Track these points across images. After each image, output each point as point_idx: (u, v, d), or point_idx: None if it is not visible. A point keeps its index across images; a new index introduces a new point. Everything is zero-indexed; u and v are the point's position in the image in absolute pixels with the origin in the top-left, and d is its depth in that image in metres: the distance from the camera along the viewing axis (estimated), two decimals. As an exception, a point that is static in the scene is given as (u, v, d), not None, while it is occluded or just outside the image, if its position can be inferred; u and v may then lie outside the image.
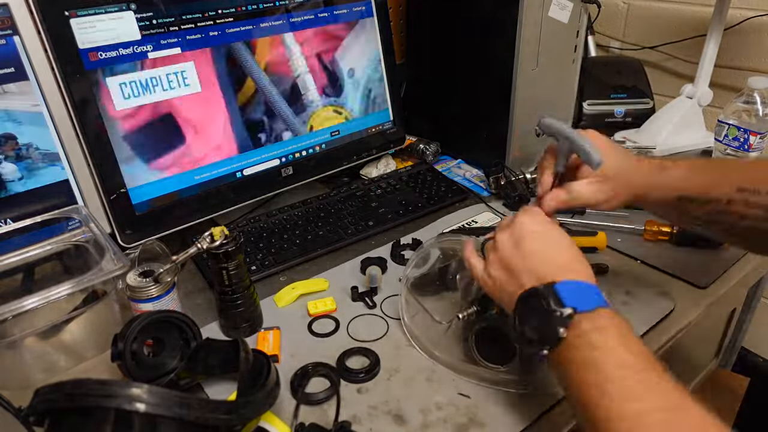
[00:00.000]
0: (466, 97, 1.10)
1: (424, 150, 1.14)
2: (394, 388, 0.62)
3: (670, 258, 0.81)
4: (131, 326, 0.59)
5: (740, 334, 1.22)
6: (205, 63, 0.83)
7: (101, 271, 0.63)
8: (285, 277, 0.82)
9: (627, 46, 1.40)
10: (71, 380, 0.43)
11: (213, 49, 0.83)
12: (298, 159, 0.97)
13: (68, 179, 0.77)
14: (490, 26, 0.99)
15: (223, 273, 0.65)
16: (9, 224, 0.72)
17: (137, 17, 0.76)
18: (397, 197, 0.99)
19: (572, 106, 1.14)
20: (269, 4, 0.88)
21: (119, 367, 0.60)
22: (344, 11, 0.98)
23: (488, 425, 0.57)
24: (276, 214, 0.93)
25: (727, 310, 1.11)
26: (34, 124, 0.73)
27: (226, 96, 0.86)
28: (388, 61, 1.05)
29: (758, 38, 1.18)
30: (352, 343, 0.68)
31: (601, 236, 0.83)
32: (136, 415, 0.42)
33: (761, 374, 1.32)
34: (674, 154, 1.15)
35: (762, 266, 0.85)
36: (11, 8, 0.69)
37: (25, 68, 0.72)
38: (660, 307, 0.72)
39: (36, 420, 0.44)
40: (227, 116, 0.87)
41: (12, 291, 0.70)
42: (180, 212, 0.85)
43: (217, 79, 0.85)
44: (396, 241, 0.88)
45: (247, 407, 0.49)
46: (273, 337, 0.68)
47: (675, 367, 0.44)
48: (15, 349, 0.64)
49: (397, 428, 0.57)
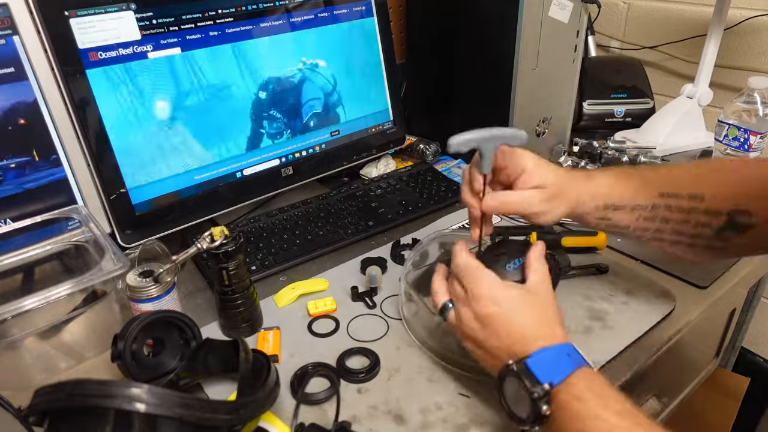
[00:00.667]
0: (466, 97, 1.10)
1: (424, 150, 1.14)
2: (394, 388, 0.61)
3: (670, 258, 0.81)
4: (131, 326, 0.59)
5: (740, 334, 1.22)
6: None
7: (101, 271, 0.63)
8: (285, 277, 0.82)
9: (627, 46, 1.40)
10: (71, 380, 0.43)
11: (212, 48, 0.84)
12: (298, 159, 0.97)
13: (68, 179, 0.77)
14: (490, 26, 0.99)
15: (223, 273, 0.65)
16: (9, 224, 0.72)
17: (137, 17, 0.76)
18: (397, 197, 0.99)
19: (572, 106, 1.14)
20: (269, 4, 0.88)
21: (119, 367, 0.60)
22: (344, 11, 0.98)
23: (488, 425, 0.57)
24: (276, 214, 0.93)
25: (727, 310, 1.11)
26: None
27: (226, 95, 0.86)
28: (388, 61, 1.05)
29: (758, 38, 1.17)
30: (352, 343, 0.68)
31: (602, 236, 0.83)
32: (136, 415, 0.42)
33: (761, 374, 1.32)
34: (674, 154, 1.15)
35: (762, 266, 0.85)
36: (11, 8, 0.69)
37: (25, 68, 0.72)
38: (660, 307, 0.72)
39: (36, 420, 0.44)
40: (228, 116, 0.87)
41: (12, 291, 0.70)
42: (180, 212, 0.85)
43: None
44: (396, 241, 0.88)
45: (247, 407, 0.49)
46: (273, 337, 0.68)
47: (675, 367, 0.44)
48: (15, 349, 0.64)
49: (397, 428, 0.57)
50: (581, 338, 0.67)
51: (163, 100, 0.80)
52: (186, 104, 0.82)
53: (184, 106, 0.82)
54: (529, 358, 0.49)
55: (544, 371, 0.48)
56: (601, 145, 1.08)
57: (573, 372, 0.48)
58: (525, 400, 0.48)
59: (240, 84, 0.87)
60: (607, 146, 1.09)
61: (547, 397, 0.47)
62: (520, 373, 0.49)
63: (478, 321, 0.54)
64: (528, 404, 0.48)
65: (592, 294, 0.74)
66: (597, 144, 1.08)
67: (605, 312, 0.71)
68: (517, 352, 0.50)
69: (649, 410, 0.92)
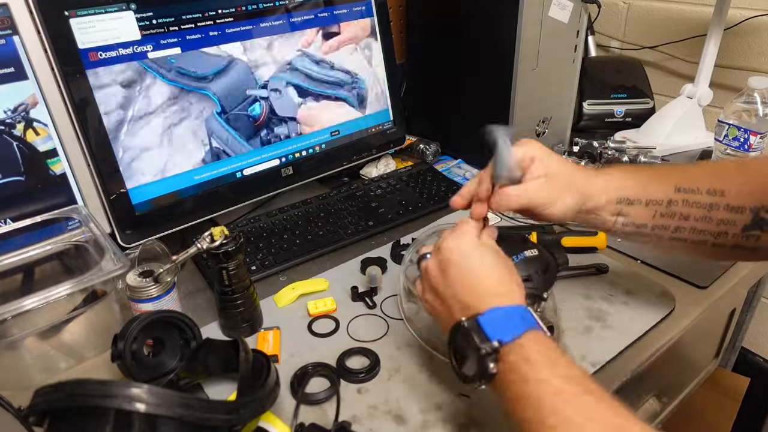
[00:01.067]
0: (466, 97, 1.10)
1: (424, 150, 1.14)
2: (394, 388, 0.62)
3: (670, 258, 0.81)
4: (131, 326, 0.59)
5: (740, 334, 1.22)
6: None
7: (101, 271, 0.63)
8: (285, 277, 0.82)
9: (627, 46, 1.40)
10: (71, 380, 0.43)
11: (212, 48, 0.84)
12: (298, 159, 0.97)
13: (68, 179, 0.77)
14: (490, 26, 1.00)
15: (223, 273, 0.65)
16: (9, 224, 0.72)
17: (137, 17, 0.76)
18: (397, 197, 0.99)
19: (572, 106, 1.14)
20: (269, 4, 0.88)
21: (119, 367, 0.60)
22: (344, 11, 0.98)
23: (488, 425, 0.57)
24: (276, 214, 0.93)
25: (727, 310, 1.11)
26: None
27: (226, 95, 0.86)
28: (388, 61, 1.05)
29: (758, 38, 1.17)
30: (352, 343, 0.68)
31: (602, 236, 0.83)
32: (136, 415, 0.42)
33: (761, 374, 1.32)
34: (674, 154, 1.15)
35: (762, 266, 0.85)
36: (11, 8, 0.69)
37: (25, 68, 0.72)
38: (660, 307, 0.72)
39: (36, 420, 0.44)
40: (227, 115, 0.87)
41: (12, 291, 0.70)
42: (180, 212, 0.85)
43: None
44: (396, 241, 0.88)
45: (247, 407, 0.49)
46: (273, 337, 0.68)
47: (675, 367, 0.44)
48: (15, 349, 0.64)
49: (397, 428, 0.57)
50: (581, 338, 0.67)
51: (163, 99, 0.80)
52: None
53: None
54: (482, 316, 0.48)
55: (495, 329, 0.47)
56: (601, 145, 1.08)
57: (524, 333, 0.47)
58: (473, 358, 0.47)
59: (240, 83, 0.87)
60: (607, 146, 1.09)
61: (495, 354, 0.46)
62: (470, 329, 0.48)
63: (440, 268, 0.53)
64: (475, 361, 0.47)
65: (592, 294, 0.74)
66: (597, 144, 1.08)
67: (605, 312, 0.71)
68: (471, 305, 0.50)
69: (648, 410, 0.92)
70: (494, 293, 0.50)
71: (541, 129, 1.08)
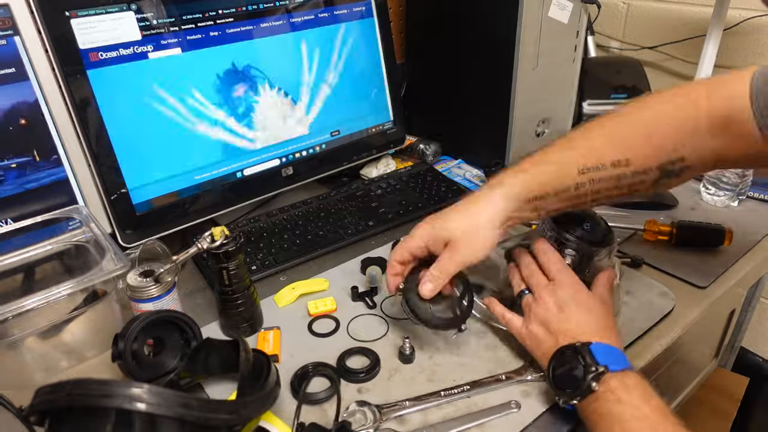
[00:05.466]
0: (466, 97, 1.10)
1: (424, 150, 1.14)
2: (394, 388, 0.62)
3: (670, 258, 0.81)
4: (132, 326, 0.59)
5: (740, 334, 1.22)
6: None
7: (101, 271, 0.63)
8: (285, 277, 0.82)
9: (627, 46, 1.40)
10: (71, 380, 0.43)
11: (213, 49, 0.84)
12: (298, 159, 0.97)
13: (69, 179, 0.77)
14: (489, 26, 1.00)
15: (223, 273, 0.65)
16: (9, 224, 0.72)
17: (138, 17, 0.77)
18: (397, 197, 1.00)
19: (572, 106, 1.14)
20: (269, 5, 0.89)
21: (119, 367, 0.60)
22: (344, 11, 0.98)
23: (488, 425, 0.57)
24: (276, 214, 0.94)
25: (727, 310, 1.11)
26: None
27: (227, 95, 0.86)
28: (388, 61, 1.05)
29: (758, 38, 1.18)
30: (352, 343, 0.68)
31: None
32: (137, 414, 0.42)
33: (761, 374, 1.32)
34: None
35: (762, 266, 0.85)
36: (12, 8, 0.70)
37: (26, 68, 0.72)
38: (660, 307, 0.72)
39: (36, 420, 0.44)
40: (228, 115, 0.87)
41: (12, 291, 0.70)
42: (180, 212, 0.85)
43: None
44: (396, 241, 0.87)
45: (247, 407, 0.49)
46: (273, 337, 0.68)
47: (674, 367, 0.44)
48: (15, 349, 0.64)
49: (397, 428, 0.57)
50: (581, 338, 0.67)
51: (164, 99, 0.80)
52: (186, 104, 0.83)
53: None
54: (593, 345, 0.55)
55: (605, 357, 0.53)
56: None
57: (628, 368, 0.53)
58: (577, 374, 0.53)
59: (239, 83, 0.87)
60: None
61: (602, 377, 0.52)
62: (582, 350, 0.54)
63: (557, 305, 0.60)
64: (579, 379, 0.53)
65: (592, 294, 0.75)
66: (597, 144, 1.08)
67: (605, 312, 0.71)
68: (581, 337, 0.56)
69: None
70: (603, 335, 0.57)
71: (541, 129, 1.08)
